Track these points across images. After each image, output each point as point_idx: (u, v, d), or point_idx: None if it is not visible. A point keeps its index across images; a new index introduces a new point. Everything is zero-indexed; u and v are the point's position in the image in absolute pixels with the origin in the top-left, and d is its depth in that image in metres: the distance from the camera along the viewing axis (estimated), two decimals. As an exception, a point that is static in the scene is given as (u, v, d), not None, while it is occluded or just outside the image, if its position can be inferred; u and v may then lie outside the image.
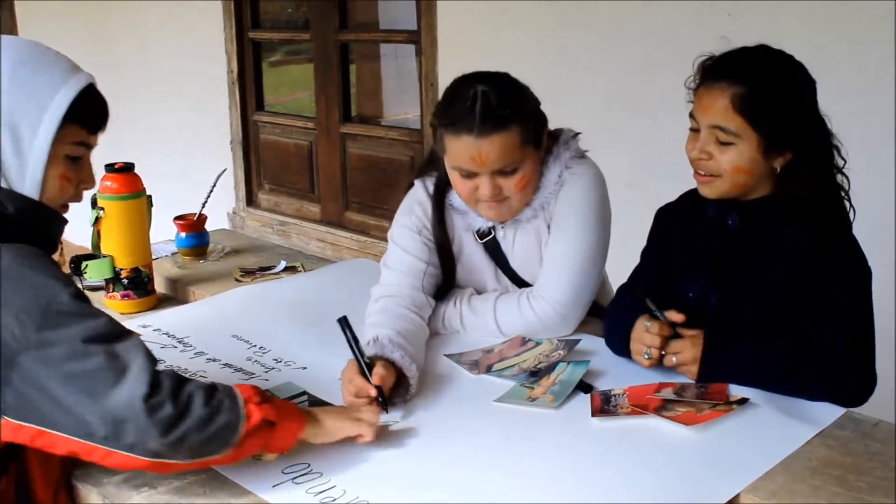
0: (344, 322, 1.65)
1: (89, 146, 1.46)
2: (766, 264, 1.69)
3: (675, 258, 1.82)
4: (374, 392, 1.58)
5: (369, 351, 1.67)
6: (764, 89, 1.62)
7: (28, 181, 1.38)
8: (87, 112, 1.43)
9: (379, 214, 4.57)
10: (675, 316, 1.67)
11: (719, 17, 2.98)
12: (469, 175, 1.83)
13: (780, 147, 1.64)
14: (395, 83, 5.17)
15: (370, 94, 5.22)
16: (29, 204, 1.38)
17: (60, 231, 1.47)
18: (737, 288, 1.71)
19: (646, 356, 1.68)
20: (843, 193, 1.70)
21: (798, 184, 1.66)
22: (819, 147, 1.67)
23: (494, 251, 1.97)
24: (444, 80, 3.95)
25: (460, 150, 1.81)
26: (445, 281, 1.98)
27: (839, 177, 1.70)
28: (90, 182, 1.49)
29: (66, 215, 1.47)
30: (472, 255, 1.99)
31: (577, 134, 1.96)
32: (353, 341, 1.64)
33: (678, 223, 1.82)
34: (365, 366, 1.62)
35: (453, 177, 1.87)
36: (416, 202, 1.99)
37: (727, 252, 1.73)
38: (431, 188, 1.98)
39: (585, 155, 1.95)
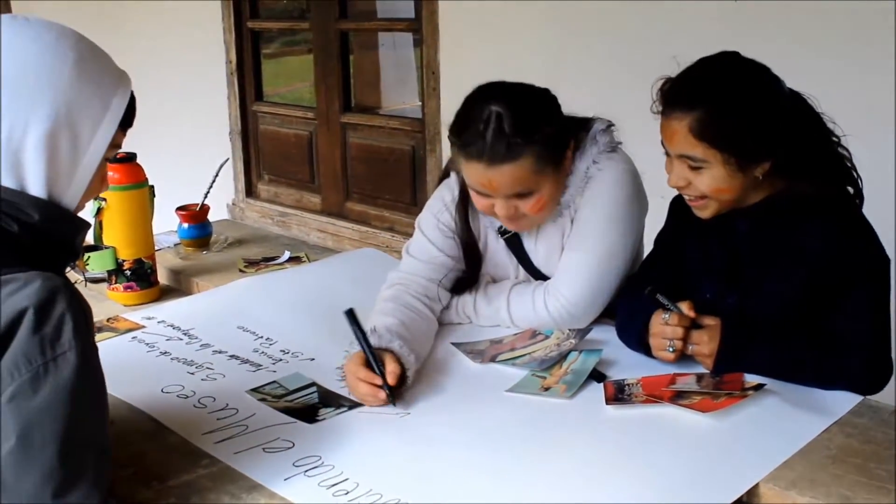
0: (350, 315, 1.64)
1: (119, 147, 1.35)
2: (783, 263, 1.65)
3: (689, 257, 1.79)
4: (379, 381, 1.57)
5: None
6: (720, 110, 1.56)
7: (74, 185, 1.25)
8: (131, 113, 1.32)
9: (380, 204, 4.55)
10: (688, 310, 1.64)
11: (725, 7, 2.95)
12: (484, 195, 1.79)
13: (753, 159, 1.59)
14: (392, 73, 5.14)
15: (368, 84, 5.19)
16: (55, 212, 1.24)
17: (83, 238, 1.34)
18: (754, 289, 1.68)
19: (670, 349, 1.65)
20: (847, 164, 1.66)
21: (793, 180, 1.63)
22: (801, 144, 1.61)
23: (517, 248, 1.94)
24: (446, 69, 3.94)
25: (472, 174, 1.76)
26: (470, 276, 1.94)
27: (839, 150, 1.66)
28: (106, 185, 1.38)
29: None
30: (494, 252, 1.96)
31: (610, 126, 1.88)
32: (361, 333, 1.63)
33: (692, 217, 1.78)
34: (372, 357, 1.60)
35: (471, 192, 1.82)
36: (448, 193, 1.94)
37: (741, 256, 1.70)
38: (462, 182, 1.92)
39: (618, 148, 1.88)
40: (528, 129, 1.70)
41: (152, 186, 2.18)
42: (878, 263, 1.64)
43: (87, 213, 2.07)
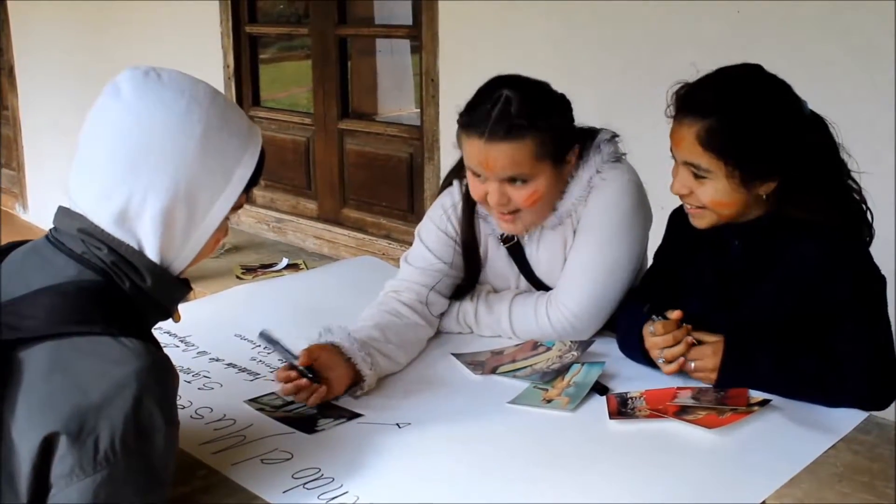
0: (263, 336, 1.68)
1: (241, 207, 1.33)
2: (773, 282, 1.63)
3: (682, 273, 1.77)
4: (293, 373, 1.60)
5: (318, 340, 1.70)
6: (730, 122, 1.53)
7: (185, 252, 1.26)
8: (256, 176, 1.30)
9: (377, 212, 4.52)
10: (673, 313, 1.63)
11: (729, 15, 2.94)
12: (480, 176, 1.78)
13: (759, 177, 1.57)
14: (390, 79, 5.12)
15: (365, 90, 5.17)
16: (165, 278, 1.25)
17: (181, 299, 1.34)
18: (746, 307, 1.66)
19: (660, 360, 1.64)
20: (855, 196, 1.64)
21: (793, 203, 1.60)
22: (810, 169, 1.58)
23: (519, 258, 1.92)
24: (445, 76, 3.92)
25: (471, 151, 1.76)
26: (468, 282, 1.93)
27: (850, 182, 1.63)
28: (226, 234, 1.36)
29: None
30: (495, 261, 1.94)
31: (615, 136, 1.87)
32: (270, 343, 1.66)
33: (688, 231, 1.76)
34: (293, 359, 1.63)
35: (468, 175, 1.82)
36: (450, 201, 1.93)
37: (732, 273, 1.68)
38: (465, 188, 1.91)
39: (622, 158, 1.86)
40: (534, 113, 1.72)
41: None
42: (871, 282, 1.61)
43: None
